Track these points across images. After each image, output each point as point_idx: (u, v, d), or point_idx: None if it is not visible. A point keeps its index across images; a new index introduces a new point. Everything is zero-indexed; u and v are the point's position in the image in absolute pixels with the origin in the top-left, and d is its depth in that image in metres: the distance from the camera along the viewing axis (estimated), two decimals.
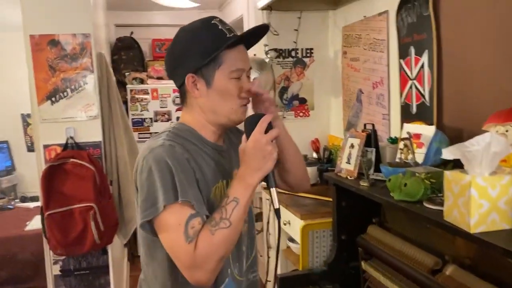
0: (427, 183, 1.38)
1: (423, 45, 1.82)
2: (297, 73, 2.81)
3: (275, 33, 2.67)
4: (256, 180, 1.03)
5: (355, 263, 1.84)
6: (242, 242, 1.20)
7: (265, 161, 1.02)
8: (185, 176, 1.04)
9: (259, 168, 1.02)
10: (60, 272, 2.54)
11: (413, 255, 1.52)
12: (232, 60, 1.11)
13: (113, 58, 4.54)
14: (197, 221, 1.01)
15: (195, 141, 1.14)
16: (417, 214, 1.33)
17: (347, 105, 2.66)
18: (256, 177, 1.02)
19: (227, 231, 1.00)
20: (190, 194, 1.03)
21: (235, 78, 1.13)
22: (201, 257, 0.99)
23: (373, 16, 2.28)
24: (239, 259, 1.20)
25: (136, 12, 4.71)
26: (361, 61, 2.45)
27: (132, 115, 4.17)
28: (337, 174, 1.91)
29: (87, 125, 2.49)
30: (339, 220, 1.88)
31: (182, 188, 1.02)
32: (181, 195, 1.01)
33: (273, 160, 1.03)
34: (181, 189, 1.02)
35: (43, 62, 2.40)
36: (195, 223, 1.01)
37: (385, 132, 2.23)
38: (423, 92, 1.84)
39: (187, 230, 1.00)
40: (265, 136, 1.02)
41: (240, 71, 1.13)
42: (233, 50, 1.12)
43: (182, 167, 1.05)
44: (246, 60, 1.16)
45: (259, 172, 1.02)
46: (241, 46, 1.16)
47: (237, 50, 1.13)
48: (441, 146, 1.56)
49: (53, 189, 2.36)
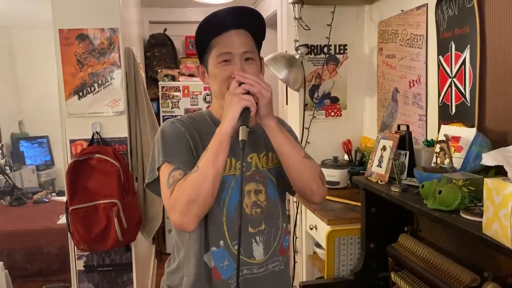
0: (464, 191, 1.25)
1: (465, 40, 1.67)
2: (329, 70, 2.69)
3: (307, 28, 2.56)
4: (223, 127, 1.11)
5: (384, 274, 1.73)
6: (248, 222, 1.23)
7: (229, 107, 1.11)
8: (175, 143, 1.19)
9: (226, 116, 1.12)
10: (84, 268, 2.53)
11: (448, 269, 1.39)
12: (218, 45, 1.19)
13: (146, 54, 4.55)
14: (177, 172, 1.15)
15: (205, 122, 1.27)
16: (453, 225, 1.20)
17: (382, 104, 2.52)
18: (223, 125, 1.11)
19: (194, 175, 1.11)
20: (175, 156, 1.17)
21: (223, 62, 1.18)
22: (173, 198, 1.12)
23: (411, 10, 2.14)
24: (243, 238, 1.18)
25: (170, 9, 4.71)
26: (398, 58, 2.30)
27: (163, 112, 4.17)
28: (367, 178, 1.79)
29: (113, 120, 2.47)
30: (368, 227, 1.77)
31: (166, 152, 1.18)
32: (163, 156, 1.18)
33: (238, 105, 1.09)
34: (165, 152, 1.18)
35: (71, 56, 2.40)
36: (175, 173, 1.15)
37: (421, 134, 2.09)
38: (463, 91, 1.69)
39: (169, 179, 1.15)
40: (231, 90, 1.13)
41: (226, 55, 1.18)
42: (221, 35, 1.19)
43: (174, 137, 1.20)
44: (235, 44, 1.19)
45: (225, 120, 1.11)
46: (232, 31, 1.19)
47: (225, 35, 1.19)
48: (481, 151, 1.43)
49: (78, 184, 2.35)
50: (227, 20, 1.18)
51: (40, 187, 5.71)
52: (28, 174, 5.66)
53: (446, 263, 1.41)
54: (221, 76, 1.19)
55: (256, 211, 1.24)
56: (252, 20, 1.22)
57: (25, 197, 4.55)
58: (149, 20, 4.81)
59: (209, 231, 1.22)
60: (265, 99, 1.14)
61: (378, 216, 1.76)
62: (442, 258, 1.44)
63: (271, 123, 1.18)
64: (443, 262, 1.42)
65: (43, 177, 6.00)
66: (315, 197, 1.27)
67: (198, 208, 1.11)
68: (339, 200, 2.27)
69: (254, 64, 1.21)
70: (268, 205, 1.27)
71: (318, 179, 1.26)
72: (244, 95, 1.12)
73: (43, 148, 6.29)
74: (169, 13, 4.75)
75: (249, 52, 1.20)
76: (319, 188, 1.26)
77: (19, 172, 5.47)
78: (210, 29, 1.19)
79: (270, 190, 1.28)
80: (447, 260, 1.42)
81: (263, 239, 1.26)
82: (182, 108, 4.21)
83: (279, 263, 1.30)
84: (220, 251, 1.22)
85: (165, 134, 1.22)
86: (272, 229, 1.27)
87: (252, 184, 1.25)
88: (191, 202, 1.10)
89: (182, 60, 4.66)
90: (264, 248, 1.26)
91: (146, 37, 4.67)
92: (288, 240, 1.34)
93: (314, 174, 1.25)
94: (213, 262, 1.22)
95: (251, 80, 1.13)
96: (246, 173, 1.25)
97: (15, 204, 4.38)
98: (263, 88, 1.13)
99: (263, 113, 1.15)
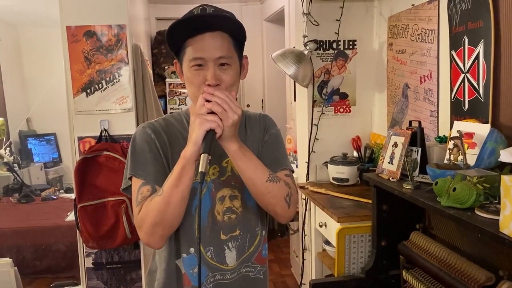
0: (479, 188, 1.22)
1: (479, 34, 1.63)
2: (338, 66, 2.66)
3: (315, 23, 2.53)
4: (187, 151, 1.06)
5: (396, 272, 1.71)
6: (220, 228, 1.20)
7: (193, 129, 1.05)
8: (143, 153, 1.16)
9: (189, 138, 1.06)
10: (93, 265, 2.53)
11: (462, 267, 1.36)
12: (191, 49, 1.11)
13: (153, 51, 4.54)
14: (145, 188, 1.13)
15: (179, 124, 1.22)
16: (468, 223, 1.17)
17: (392, 100, 2.49)
18: (187, 149, 1.06)
19: (158, 198, 1.08)
20: (142, 169, 1.15)
21: (195, 66, 1.11)
22: (140, 218, 1.11)
23: (422, 4, 2.11)
24: (215, 245, 1.20)
25: (176, 5, 4.69)
26: (408, 53, 2.27)
27: (170, 108, 4.16)
28: (378, 175, 1.77)
29: (121, 117, 2.47)
30: (379, 224, 1.75)
31: (134, 164, 1.16)
32: (131, 169, 1.16)
33: (200, 128, 1.03)
34: (133, 165, 1.16)
35: (79, 53, 2.39)
36: (143, 190, 1.13)
37: (432, 130, 2.05)
38: (477, 86, 1.66)
39: (137, 196, 1.13)
40: (196, 109, 1.06)
41: (198, 60, 1.10)
42: (194, 38, 1.10)
43: (143, 146, 1.17)
44: (209, 48, 1.10)
45: (189, 144, 1.06)
46: (206, 34, 1.10)
47: (198, 38, 1.10)
48: (496, 147, 1.40)
49: (86, 181, 2.35)
50: (200, 22, 1.10)
51: (48, 184, 5.74)
52: (36, 171, 5.69)
53: (460, 261, 1.38)
54: (195, 81, 1.11)
55: (230, 217, 1.21)
56: (228, 21, 1.12)
57: (33, 194, 4.57)
58: (156, 17, 4.79)
59: (180, 237, 1.19)
60: (228, 120, 1.03)
61: (389, 213, 1.73)
62: (455, 256, 1.41)
63: (233, 147, 1.09)
64: (456, 260, 1.40)
65: (51, 174, 6.03)
66: (279, 218, 1.21)
67: (163, 230, 1.10)
68: (348, 197, 2.25)
69: (230, 70, 1.12)
70: (244, 211, 1.22)
71: (283, 203, 1.16)
72: (209, 115, 1.03)
73: (51, 146, 6.32)
74: (176, 9, 4.72)
75: (224, 57, 1.10)
76: (283, 211, 1.18)
77: (27, 169, 5.50)
78: (183, 30, 1.11)
79: (247, 196, 1.21)
80: (461, 258, 1.39)
81: (236, 245, 1.23)
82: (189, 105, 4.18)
83: (255, 271, 1.27)
84: (190, 257, 1.20)
85: (135, 142, 1.18)
86: (248, 234, 1.24)
87: (227, 189, 1.21)
88: (156, 225, 1.08)
89: None
90: (237, 253, 1.23)
91: (153, 34, 4.66)
92: (266, 249, 1.30)
93: (278, 197, 1.16)
94: (184, 269, 1.21)
95: (218, 98, 1.04)
96: (221, 178, 1.20)
97: (24, 201, 4.41)
98: (229, 109, 1.03)
99: (224, 135, 1.05)
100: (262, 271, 1.28)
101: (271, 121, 1.31)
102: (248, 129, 1.26)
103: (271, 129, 1.28)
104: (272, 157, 1.23)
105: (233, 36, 1.14)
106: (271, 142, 1.26)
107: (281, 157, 1.26)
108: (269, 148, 1.25)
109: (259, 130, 1.27)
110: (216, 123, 1.03)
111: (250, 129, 1.26)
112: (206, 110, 1.04)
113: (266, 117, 1.31)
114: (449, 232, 1.54)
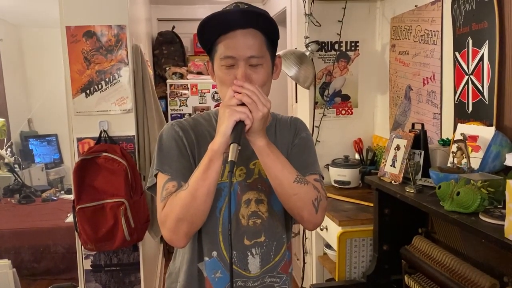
0: (484, 192, 1.20)
1: (483, 35, 1.61)
2: (340, 67, 2.63)
3: (317, 24, 2.51)
4: (215, 143, 1.03)
5: (397, 277, 1.68)
6: (244, 233, 1.17)
7: (222, 121, 1.02)
8: (170, 150, 1.14)
9: (218, 130, 1.03)
10: (91, 267, 2.51)
11: (465, 272, 1.34)
12: (222, 47, 1.09)
13: (154, 52, 4.52)
14: (171, 184, 1.10)
15: (208, 123, 1.20)
16: (472, 228, 1.15)
17: (394, 102, 2.46)
18: (215, 141, 1.03)
19: (184, 193, 1.05)
20: (169, 165, 1.13)
21: (226, 66, 1.09)
22: (164, 214, 1.08)
23: (425, 5, 2.08)
24: (238, 250, 1.17)
25: (178, 6, 4.68)
26: (411, 55, 2.25)
27: (171, 110, 4.13)
28: (380, 178, 1.74)
29: (120, 118, 2.44)
30: (381, 228, 1.72)
31: (161, 160, 1.14)
32: (157, 165, 1.14)
33: (229, 119, 1.00)
34: (159, 161, 1.14)
35: (78, 53, 2.37)
36: (169, 185, 1.10)
37: (435, 133, 2.03)
38: (481, 88, 1.64)
39: (162, 191, 1.10)
40: (225, 101, 1.04)
41: (229, 59, 1.08)
42: (226, 36, 1.08)
43: (170, 143, 1.15)
44: (240, 47, 1.07)
45: (218, 135, 1.03)
46: (238, 31, 1.07)
47: (229, 36, 1.08)
48: (501, 151, 1.38)
49: (85, 183, 2.32)
50: (231, 18, 1.07)
51: (49, 185, 5.73)
52: (37, 172, 5.68)
53: (463, 267, 1.36)
54: (225, 80, 1.09)
55: (255, 222, 1.17)
56: (261, 18, 1.09)
57: (33, 195, 4.56)
58: (157, 18, 4.78)
59: (203, 240, 1.17)
60: (258, 113, 1.00)
61: (391, 217, 1.71)
62: (458, 261, 1.39)
63: (260, 143, 1.05)
64: (459, 266, 1.37)
65: (51, 175, 6.02)
66: (305, 224, 1.15)
67: (187, 227, 1.06)
68: (350, 200, 2.23)
69: (261, 70, 1.09)
70: (270, 217, 1.18)
71: (311, 207, 1.10)
72: (238, 106, 1.00)
73: (52, 146, 6.31)
74: (177, 10, 4.72)
75: (255, 57, 1.08)
76: (310, 216, 1.11)
77: (28, 170, 5.49)
78: (214, 26, 1.08)
79: (274, 201, 1.18)
80: (464, 264, 1.37)
81: (260, 252, 1.18)
82: (190, 106, 4.17)
83: (281, 281, 1.23)
84: (213, 261, 1.17)
85: (162, 139, 1.17)
86: (274, 242, 1.20)
87: (253, 192, 1.17)
88: (179, 220, 1.05)
89: (191, 58, 4.62)
90: (261, 261, 1.19)
91: (154, 35, 4.64)
92: (290, 257, 1.26)
93: (306, 200, 1.10)
94: (205, 273, 1.18)
95: (248, 90, 1.01)
96: (247, 180, 1.17)
97: (24, 202, 4.39)
98: (259, 101, 1.01)
99: (253, 128, 1.02)
100: (287, 280, 1.24)
101: (302, 124, 1.27)
102: (278, 132, 1.23)
103: (301, 133, 1.24)
104: (301, 161, 1.18)
105: (266, 35, 1.11)
106: (301, 145, 1.22)
107: (311, 161, 1.21)
108: (298, 151, 1.21)
109: (289, 133, 1.24)
110: (246, 114, 1.00)
111: (280, 132, 1.23)
112: (236, 101, 1.01)
113: (297, 120, 1.27)
114: (452, 237, 1.51)
